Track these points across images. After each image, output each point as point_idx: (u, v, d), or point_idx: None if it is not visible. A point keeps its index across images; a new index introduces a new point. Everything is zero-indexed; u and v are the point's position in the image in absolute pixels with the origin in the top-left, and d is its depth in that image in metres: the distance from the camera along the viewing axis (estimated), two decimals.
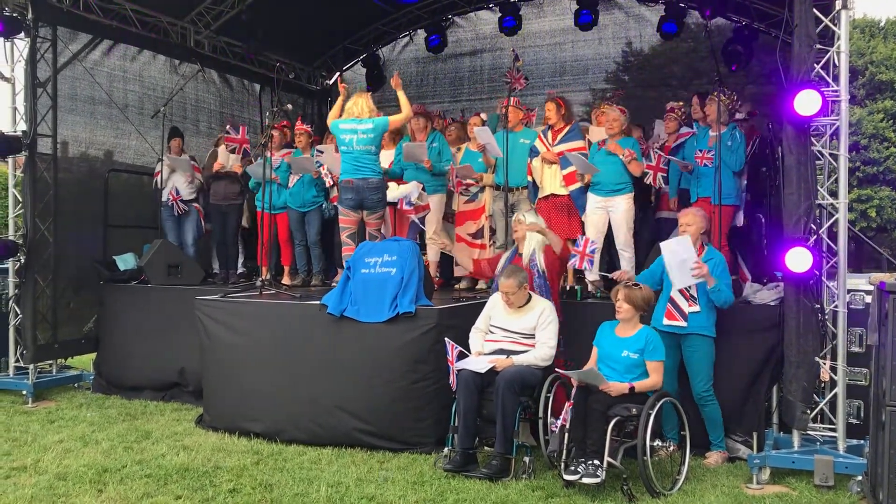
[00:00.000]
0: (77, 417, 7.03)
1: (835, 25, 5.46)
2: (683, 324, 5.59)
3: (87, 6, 8.43)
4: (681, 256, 5.46)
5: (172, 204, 8.82)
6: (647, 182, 7.47)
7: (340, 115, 7.06)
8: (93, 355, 8.54)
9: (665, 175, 7.57)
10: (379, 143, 7.10)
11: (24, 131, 7.83)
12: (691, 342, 5.63)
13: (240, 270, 9.12)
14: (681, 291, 5.62)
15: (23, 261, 7.82)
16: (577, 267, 6.22)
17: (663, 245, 5.49)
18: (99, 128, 8.87)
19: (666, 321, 5.65)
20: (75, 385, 8.37)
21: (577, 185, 7.30)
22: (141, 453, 5.86)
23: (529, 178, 7.71)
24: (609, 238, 7.15)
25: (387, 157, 8.02)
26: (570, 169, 7.31)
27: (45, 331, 7.99)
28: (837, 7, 5.41)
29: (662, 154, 7.49)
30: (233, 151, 8.66)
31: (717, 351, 5.69)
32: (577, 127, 7.64)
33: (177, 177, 8.86)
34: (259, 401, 6.33)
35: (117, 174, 9.03)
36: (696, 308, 5.58)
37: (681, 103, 8.11)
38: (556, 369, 5.46)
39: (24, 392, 7.67)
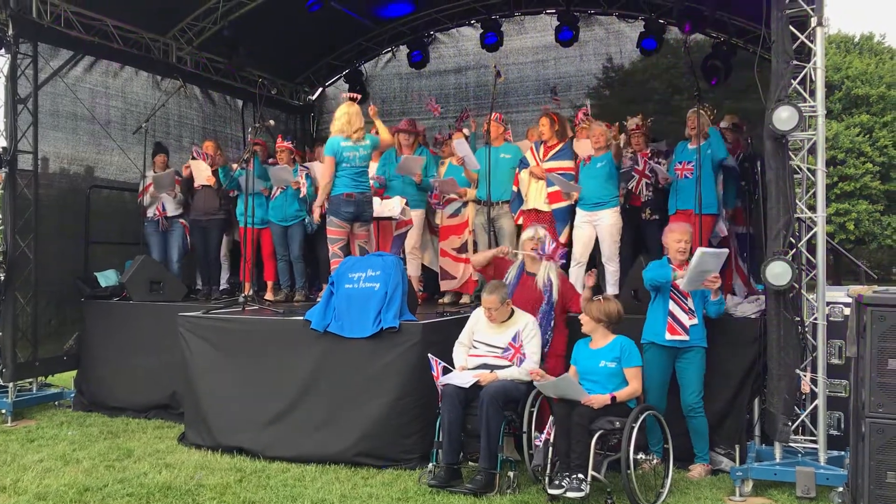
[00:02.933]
0: (57, 436, 6.95)
1: (811, 42, 5.54)
2: (686, 337, 5.62)
3: (68, 22, 8.40)
4: (709, 266, 5.41)
5: (158, 220, 8.78)
6: (630, 188, 7.52)
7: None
8: (73, 373, 8.46)
9: (649, 181, 7.62)
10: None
11: (4, 148, 7.77)
12: (689, 354, 5.65)
13: (223, 287, 9.08)
14: (679, 305, 5.64)
15: (2, 278, 7.73)
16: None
17: (703, 250, 5.42)
18: (81, 144, 8.81)
19: (669, 336, 5.64)
20: (56, 403, 8.27)
21: (563, 203, 7.35)
22: (123, 472, 5.80)
23: (515, 189, 7.73)
24: (595, 251, 7.19)
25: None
26: (556, 188, 7.35)
27: (25, 348, 7.90)
28: (813, 24, 5.48)
29: (647, 160, 7.57)
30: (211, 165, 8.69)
31: None
32: (569, 145, 7.66)
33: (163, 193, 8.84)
34: (242, 417, 6.29)
35: (99, 190, 8.98)
36: (696, 321, 5.63)
37: (640, 115, 8.06)
38: (534, 381, 5.46)
39: (4, 411, 7.57)
